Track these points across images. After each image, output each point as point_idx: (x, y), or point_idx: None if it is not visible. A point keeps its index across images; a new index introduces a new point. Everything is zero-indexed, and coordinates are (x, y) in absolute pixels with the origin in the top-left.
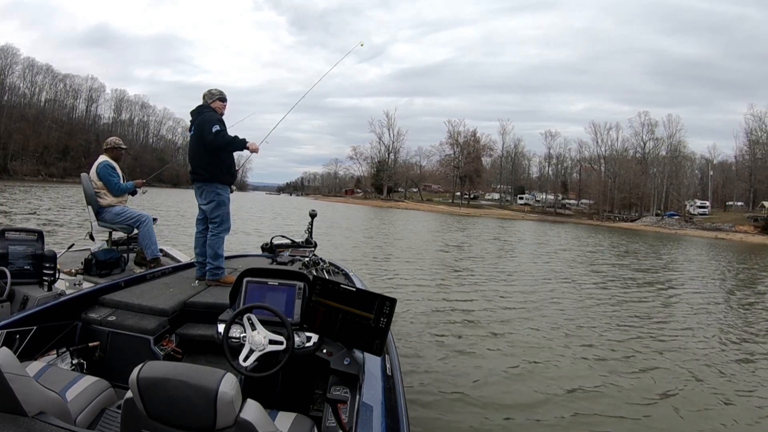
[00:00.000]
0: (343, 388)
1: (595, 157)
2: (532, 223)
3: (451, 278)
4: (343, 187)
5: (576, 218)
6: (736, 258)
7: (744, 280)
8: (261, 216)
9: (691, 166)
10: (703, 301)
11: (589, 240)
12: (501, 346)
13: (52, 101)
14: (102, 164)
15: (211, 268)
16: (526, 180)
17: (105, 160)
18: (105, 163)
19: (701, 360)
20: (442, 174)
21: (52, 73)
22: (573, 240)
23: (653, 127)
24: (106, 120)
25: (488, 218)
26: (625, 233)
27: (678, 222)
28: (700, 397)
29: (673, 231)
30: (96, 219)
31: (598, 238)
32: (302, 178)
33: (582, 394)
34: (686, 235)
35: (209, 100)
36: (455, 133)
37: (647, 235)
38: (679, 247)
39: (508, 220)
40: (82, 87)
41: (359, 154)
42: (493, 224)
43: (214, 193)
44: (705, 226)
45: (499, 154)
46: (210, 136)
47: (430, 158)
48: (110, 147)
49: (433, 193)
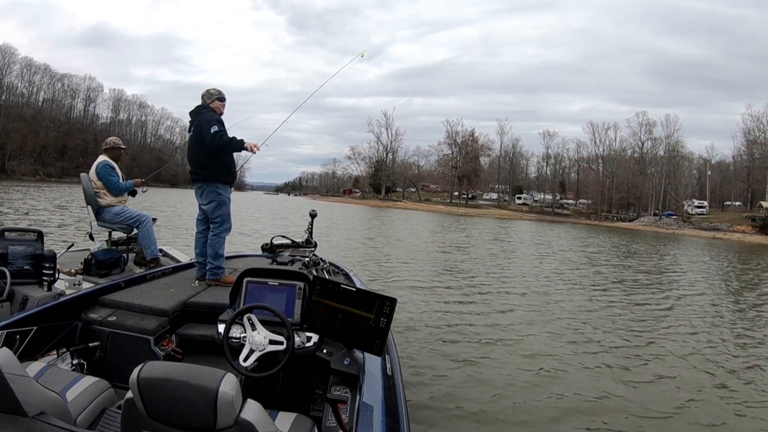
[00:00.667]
0: (344, 388)
1: (593, 157)
2: (531, 222)
3: (451, 279)
4: (342, 187)
5: (574, 218)
6: (737, 258)
7: (748, 281)
8: (259, 216)
9: (689, 166)
10: (711, 303)
11: (590, 240)
12: (502, 347)
13: (50, 101)
14: (101, 164)
15: (211, 267)
16: (525, 180)
17: (104, 159)
18: (104, 163)
19: (718, 365)
20: (440, 174)
21: (50, 72)
22: (573, 240)
23: (651, 127)
24: (104, 120)
25: (486, 218)
26: (623, 233)
27: (676, 222)
28: (720, 408)
29: (671, 231)
30: (95, 219)
31: (599, 238)
32: (300, 177)
33: (589, 395)
34: (684, 234)
35: (208, 100)
36: (453, 132)
37: (645, 235)
38: (679, 247)
39: (506, 219)
40: (80, 87)
41: (357, 154)
42: (491, 224)
43: (214, 193)
44: (703, 225)
45: (498, 154)
46: (209, 136)
47: (429, 158)
48: (109, 147)
49: (432, 193)
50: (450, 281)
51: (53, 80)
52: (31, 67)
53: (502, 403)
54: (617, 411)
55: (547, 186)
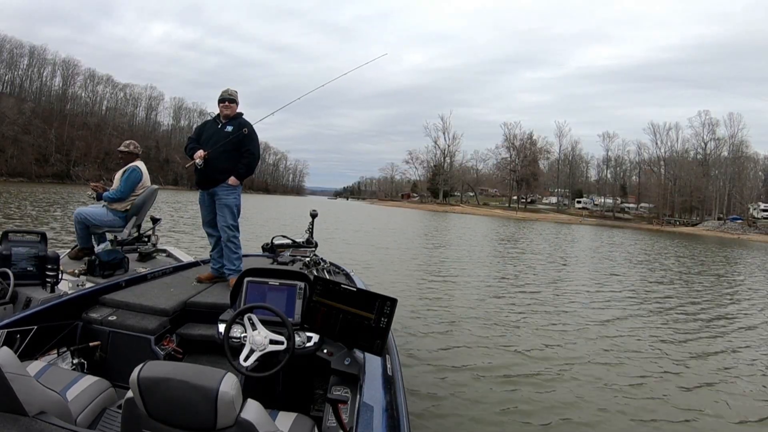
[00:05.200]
0: (344, 388)
1: (655, 159)
2: (591, 228)
3: (494, 282)
4: (400, 191)
5: (635, 223)
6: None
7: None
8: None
9: (755, 167)
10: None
11: (666, 250)
12: (504, 348)
13: (113, 109)
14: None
15: (229, 266)
16: (585, 183)
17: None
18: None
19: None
20: (498, 178)
21: (112, 82)
22: (645, 251)
23: (714, 127)
24: (166, 127)
25: (545, 222)
26: (689, 239)
27: (741, 226)
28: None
29: (736, 236)
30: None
31: (673, 248)
32: (359, 182)
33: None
34: (749, 240)
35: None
36: (511, 136)
37: (709, 240)
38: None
39: (565, 224)
40: (141, 95)
41: (415, 159)
42: (550, 228)
43: (232, 196)
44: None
45: (557, 157)
46: (258, 153)
47: (487, 162)
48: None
49: (490, 197)
50: (492, 285)
51: (116, 90)
52: (94, 77)
53: (503, 404)
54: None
55: (608, 190)
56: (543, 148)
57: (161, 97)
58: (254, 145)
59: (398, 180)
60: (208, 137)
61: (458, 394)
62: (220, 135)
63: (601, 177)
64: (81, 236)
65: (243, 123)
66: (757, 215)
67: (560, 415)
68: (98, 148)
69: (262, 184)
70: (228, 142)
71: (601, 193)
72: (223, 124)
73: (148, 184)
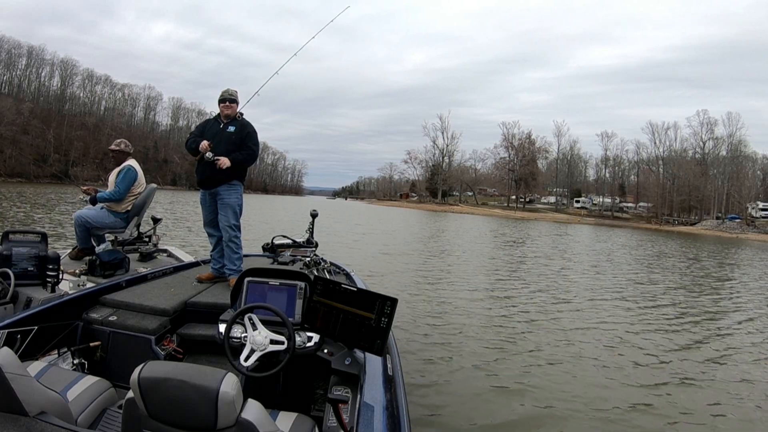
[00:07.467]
0: (344, 388)
1: (653, 158)
2: (589, 227)
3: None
4: (398, 191)
5: (634, 222)
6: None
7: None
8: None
9: (753, 166)
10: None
11: (662, 248)
12: (505, 348)
13: (111, 110)
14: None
15: (230, 266)
16: (583, 183)
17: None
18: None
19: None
20: (497, 177)
21: (110, 82)
22: (642, 251)
23: (712, 126)
24: (164, 127)
25: (543, 222)
26: (687, 238)
27: (739, 225)
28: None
29: (735, 235)
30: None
31: (670, 246)
32: (357, 182)
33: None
34: (748, 239)
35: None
36: (510, 135)
37: (707, 239)
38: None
39: (564, 224)
40: (140, 96)
41: (414, 158)
42: (548, 228)
43: (234, 195)
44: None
45: (555, 157)
46: (257, 150)
47: (485, 161)
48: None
49: (489, 197)
50: (458, 285)
51: (114, 90)
52: (93, 77)
53: (504, 404)
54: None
55: (606, 189)
56: (542, 148)
57: (159, 97)
58: (255, 143)
59: (397, 180)
60: (210, 137)
61: (459, 393)
62: (223, 135)
63: (600, 176)
64: (81, 238)
65: (245, 124)
66: (756, 214)
67: (563, 417)
68: (96, 149)
69: (260, 184)
70: (231, 143)
71: (599, 193)
72: (225, 124)
73: (144, 183)
